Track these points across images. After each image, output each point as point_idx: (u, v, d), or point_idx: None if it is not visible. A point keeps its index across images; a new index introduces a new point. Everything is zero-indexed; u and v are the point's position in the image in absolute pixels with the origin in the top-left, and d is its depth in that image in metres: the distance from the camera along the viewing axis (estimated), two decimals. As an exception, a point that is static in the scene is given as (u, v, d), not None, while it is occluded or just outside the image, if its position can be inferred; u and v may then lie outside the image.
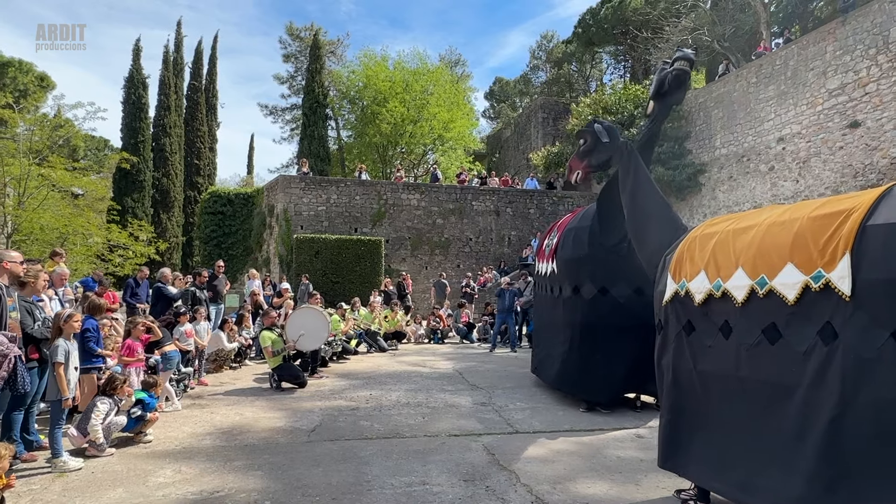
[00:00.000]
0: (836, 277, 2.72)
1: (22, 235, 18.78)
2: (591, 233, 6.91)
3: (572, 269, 7.18)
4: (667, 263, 4.18)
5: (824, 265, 2.78)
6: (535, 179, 24.38)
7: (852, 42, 14.99)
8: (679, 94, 5.51)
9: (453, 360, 10.93)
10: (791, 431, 2.98)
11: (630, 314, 6.45)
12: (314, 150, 28.59)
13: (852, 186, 14.87)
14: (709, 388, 3.61)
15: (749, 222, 3.50)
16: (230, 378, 9.03)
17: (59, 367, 4.72)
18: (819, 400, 2.81)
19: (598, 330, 6.74)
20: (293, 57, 38.64)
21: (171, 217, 31.11)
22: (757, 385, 3.23)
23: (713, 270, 3.54)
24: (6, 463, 3.43)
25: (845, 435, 2.69)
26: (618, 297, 6.66)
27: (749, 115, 18.47)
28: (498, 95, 49.60)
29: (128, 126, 29.39)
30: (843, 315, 2.72)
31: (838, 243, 2.74)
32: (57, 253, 8.66)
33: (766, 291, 3.11)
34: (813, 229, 2.92)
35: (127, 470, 4.70)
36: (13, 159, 18.29)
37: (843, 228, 2.75)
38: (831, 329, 2.79)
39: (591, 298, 6.83)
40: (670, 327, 4.00)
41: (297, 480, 4.44)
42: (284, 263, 18.88)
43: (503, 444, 5.51)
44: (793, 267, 2.95)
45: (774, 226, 3.21)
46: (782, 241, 3.07)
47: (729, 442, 3.43)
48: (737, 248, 3.41)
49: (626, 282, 6.61)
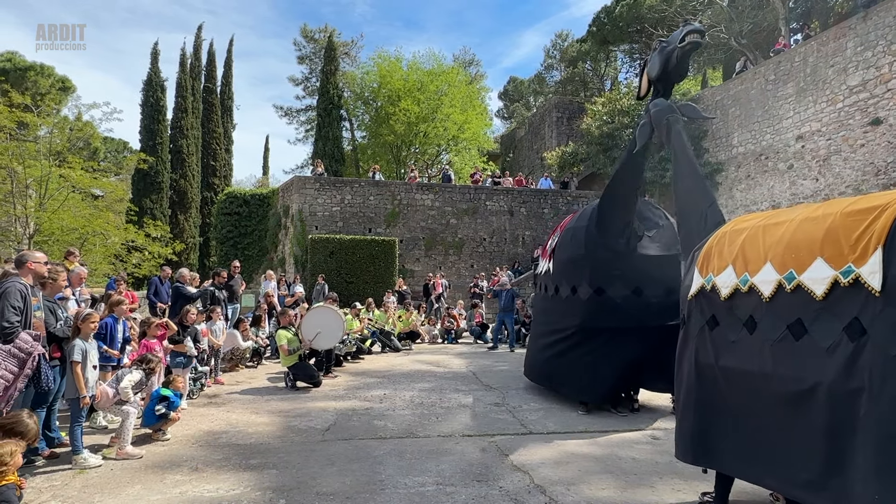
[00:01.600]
0: (866, 272, 2.68)
1: (43, 236, 19.15)
2: (587, 232, 6.90)
3: (569, 269, 7.16)
4: (695, 258, 4.13)
5: (855, 260, 2.74)
6: (549, 179, 24.28)
7: (874, 37, 14.71)
8: (684, 70, 5.39)
9: (467, 360, 10.93)
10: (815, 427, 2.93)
11: (627, 315, 6.39)
12: (328, 150, 28.77)
13: (874, 185, 14.59)
14: (733, 382, 3.55)
15: (781, 218, 3.45)
16: (246, 377, 9.13)
17: (76, 366, 4.82)
18: (845, 396, 2.76)
19: (593, 331, 6.70)
20: (307, 59, 38.94)
21: (189, 218, 31.52)
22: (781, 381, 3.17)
23: (741, 265, 3.49)
24: (19, 459, 3.50)
25: (872, 431, 2.63)
26: (614, 297, 6.57)
27: (767, 112, 18.22)
28: (512, 95, 49.48)
29: (146, 128, 29.86)
30: (872, 311, 2.67)
31: (870, 238, 2.69)
32: (71, 253, 8.80)
33: (794, 286, 3.06)
34: (846, 225, 2.87)
35: (145, 467, 4.77)
36: (34, 161, 18.66)
37: (876, 224, 2.70)
38: (859, 325, 2.73)
39: (587, 299, 6.76)
40: (693, 322, 3.95)
41: (312, 479, 4.48)
42: (299, 263, 19.03)
43: (517, 444, 5.50)
44: (822, 262, 2.90)
45: (806, 221, 3.16)
46: (813, 236, 3.02)
47: (754, 434, 3.37)
48: (766, 243, 3.36)
49: (623, 282, 6.53)
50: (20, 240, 18.36)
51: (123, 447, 5.07)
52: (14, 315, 4.35)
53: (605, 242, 6.64)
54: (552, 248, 7.73)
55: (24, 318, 4.49)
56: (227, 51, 36.52)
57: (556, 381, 7.40)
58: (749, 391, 3.42)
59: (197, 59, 33.63)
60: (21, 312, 4.43)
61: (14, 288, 4.45)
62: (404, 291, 16.72)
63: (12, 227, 18.81)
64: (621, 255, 6.54)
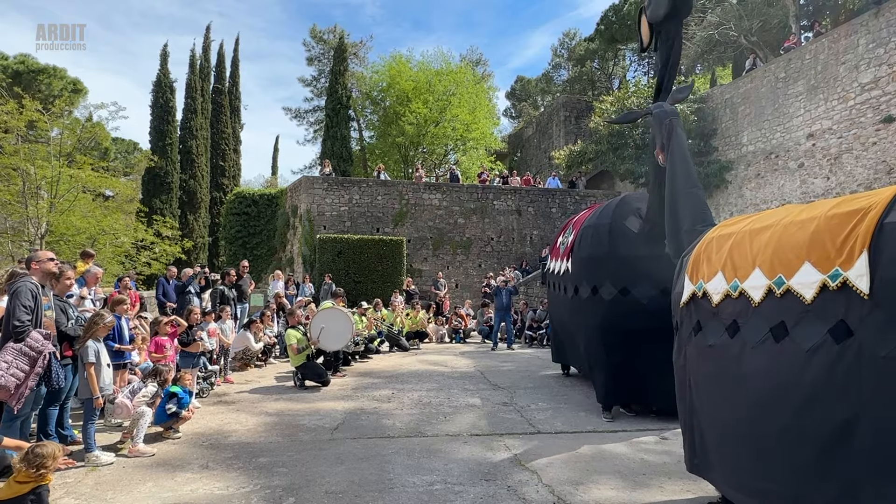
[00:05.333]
0: (853, 276, 2.68)
1: (55, 237, 19.35)
2: (611, 230, 6.71)
3: (591, 269, 6.93)
4: (684, 265, 4.15)
5: (841, 263, 2.75)
6: (557, 178, 24.23)
7: (886, 34, 14.55)
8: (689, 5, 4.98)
9: (474, 360, 10.93)
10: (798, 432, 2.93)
11: (653, 316, 6.10)
12: (337, 150, 28.84)
13: (886, 183, 14.43)
14: (717, 387, 3.58)
15: (765, 222, 3.46)
16: (255, 376, 9.18)
17: (90, 367, 4.88)
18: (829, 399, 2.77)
19: (617, 332, 6.46)
20: (316, 59, 39.06)
21: (198, 218, 31.74)
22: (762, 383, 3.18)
23: (730, 271, 3.51)
24: (59, 463, 3.61)
25: (857, 434, 2.64)
26: (640, 298, 6.33)
27: (777, 110, 18.07)
28: (519, 94, 49.37)
29: (156, 129, 30.10)
30: (859, 313, 2.68)
31: (856, 241, 2.71)
32: (88, 254, 8.88)
33: (784, 291, 3.07)
34: (830, 228, 2.88)
35: (156, 465, 4.81)
36: (46, 162, 18.86)
37: (860, 227, 2.71)
38: (845, 327, 2.74)
39: (611, 299, 6.54)
40: (684, 329, 3.98)
41: (321, 478, 4.50)
42: (308, 263, 19.10)
43: (525, 444, 5.49)
44: (810, 266, 2.92)
45: (791, 225, 3.17)
46: (799, 241, 3.04)
47: (736, 443, 3.38)
48: (753, 248, 3.38)
49: (650, 282, 6.25)
50: (32, 240, 18.56)
51: (136, 444, 5.14)
52: (25, 314, 4.41)
53: (631, 241, 6.40)
54: (569, 246, 7.57)
55: (35, 317, 4.55)
56: (233, 50, 36.71)
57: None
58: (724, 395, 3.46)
59: (206, 60, 33.85)
60: (32, 311, 4.49)
61: (25, 287, 4.51)
62: (412, 291, 16.75)
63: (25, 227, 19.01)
64: (648, 255, 6.20)
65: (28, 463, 3.41)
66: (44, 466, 3.42)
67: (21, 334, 4.36)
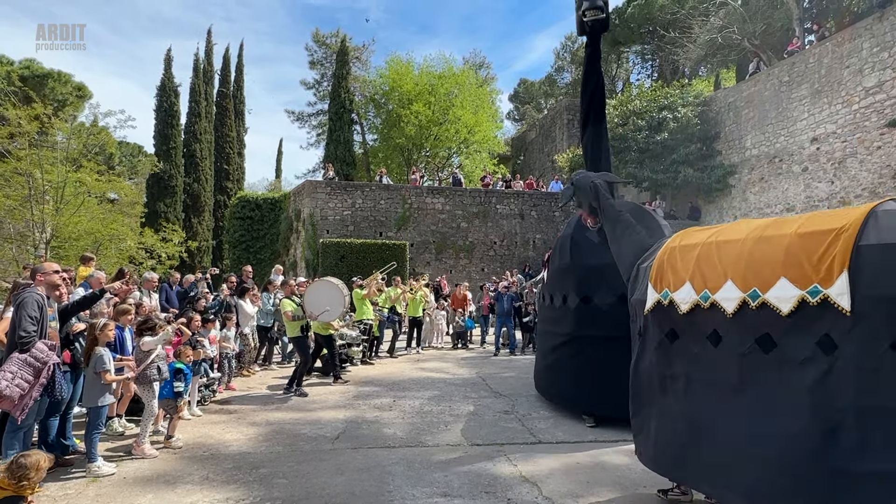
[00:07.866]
0: (835, 294, 2.88)
1: (60, 241, 19.43)
2: (572, 241, 6.95)
3: (560, 279, 7.21)
4: (642, 272, 4.26)
5: (820, 281, 2.95)
6: (560, 182, 24.15)
7: (890, 38, 14.50)
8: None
9: (476, 367, 10.90)
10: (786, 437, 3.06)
11: (614, 323, 6.09)
12: (340, 154, 28.87)
13: (891, 188, 14.36)
14: (696, 393, 3.68)
15: (730, 236, 3.62)
16: (257, 382, 9.19)
17: (104, 374, 4.97)
18: (817, 408, 2.93)
19: (582, 339, 6.67)
20: (319, 63, 39.14)
21: (202, 221, 31.81)
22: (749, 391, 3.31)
23: (699, 282, 3.62)
24: (44, 474, 3.58)
25: (844, 442, 2.81)
26: (601, 305, 6.53)
27: (781, 114, 18.02)
28: (522, 97, 49.32)
29: (160, 133, 30.20)
30: (842, 328, 2.87)
31: (833, 261, 2.91)
32: (88, 258, 8.87)
33: (759, 304, 3.22)
34: (804, 246, 3.08)
35: (156, 476, 4.83)
36: (52, 167, 18.95)
37: (835, 247, 2.93)
38: (830, 340, 2.93)
39: (574, 307, 6.81)
40: (650, 335, 4.07)
41: (321, 489, 4.50)
42: (311, 267, 19.14)
43: (526, 454, 5.49)
44: (786, 281, 3.10)
45: (762, 241, 3.34)
46: (773, 257, 3.21)
47: (718, 446, 3.46)
48: (723, 260, 3.51)
49: (608, 289, 6.40)
50: (37, 244, 18.64)
51: (142, 444, 5.20)
52: (31, 325, 4.45)
53: (590, 250, 6.61)
54: (547, 257, 7.82)
55: (41, 327, 4.59)
56: (238, 55, 36.83)
57: (550, 391, 7.43)
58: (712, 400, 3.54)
59: (209, 64, 33.95)
60: (37, 322, 4.53)
61: (31, 298, 4.55)
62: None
63: (30, 232, 19.10)
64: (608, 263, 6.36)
65: (10, 473, 3.40)
66: (25, 478, 3.40)
67: (27, 345, 4.40)
